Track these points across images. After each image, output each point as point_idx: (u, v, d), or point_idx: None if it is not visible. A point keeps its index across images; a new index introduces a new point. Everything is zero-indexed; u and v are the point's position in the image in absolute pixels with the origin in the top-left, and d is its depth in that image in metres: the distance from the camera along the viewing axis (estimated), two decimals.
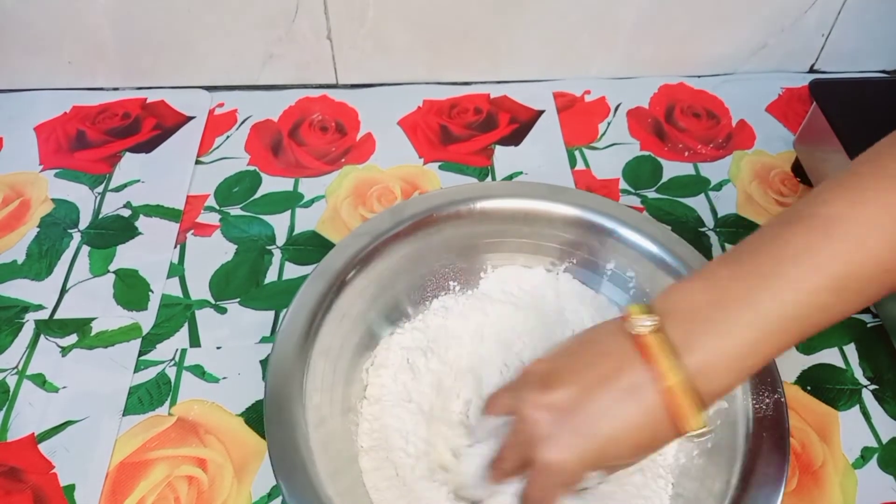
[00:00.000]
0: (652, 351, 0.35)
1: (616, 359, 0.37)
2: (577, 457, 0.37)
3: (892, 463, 0.49)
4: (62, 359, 0.53)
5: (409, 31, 0.71)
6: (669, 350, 0.35)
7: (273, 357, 0.44)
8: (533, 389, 0.38)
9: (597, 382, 0.37)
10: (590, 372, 0.37)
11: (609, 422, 0.36)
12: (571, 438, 0.36)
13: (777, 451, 0.42)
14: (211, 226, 0.62)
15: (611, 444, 0.36)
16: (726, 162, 0.68)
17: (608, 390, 0.36)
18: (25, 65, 0.72)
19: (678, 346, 0.35)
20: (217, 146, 0.69)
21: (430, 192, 0.55)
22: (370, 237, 0.51)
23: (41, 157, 0.67)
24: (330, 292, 0.48)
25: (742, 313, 0.34)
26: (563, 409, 0.37)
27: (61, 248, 0.60)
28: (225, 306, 0.56)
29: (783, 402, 0.43)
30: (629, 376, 0.36)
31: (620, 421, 0.36)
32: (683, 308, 0.36)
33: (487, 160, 0.68)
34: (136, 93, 0.74)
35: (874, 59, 0.77)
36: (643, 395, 0.35)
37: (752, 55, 0.75)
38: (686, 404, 0.35)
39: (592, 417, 0.36)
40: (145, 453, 0.48)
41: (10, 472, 0.47)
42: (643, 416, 0.36)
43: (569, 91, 0.75)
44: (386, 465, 0.46)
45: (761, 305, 0.34)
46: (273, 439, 0.41)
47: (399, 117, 0.72)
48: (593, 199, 0.54)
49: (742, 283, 0.35)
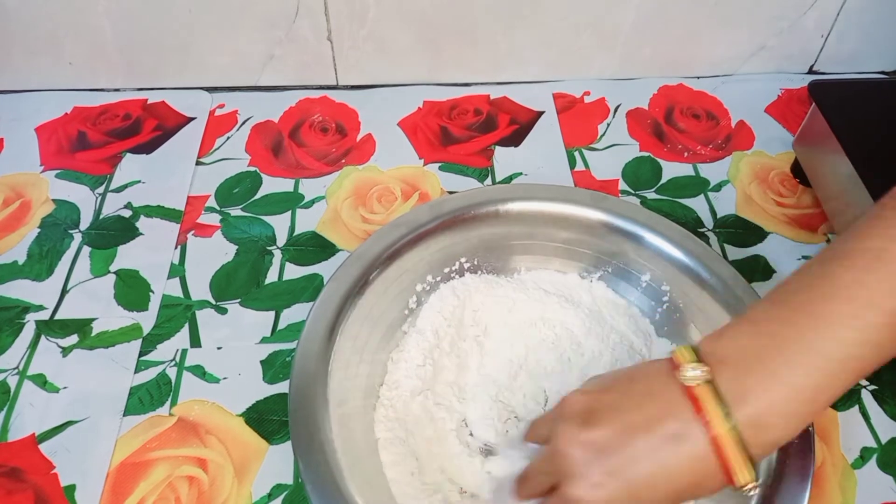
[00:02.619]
0: (703, 402, 0.34)
1: (663, 404, 0.35)
2: (605, 498, 0.35)
3: (892, 463, 0.49)
4: (63, 359, 0.53)
5: (410, 32, 0.71)
6: (721, 401, 0.34)
7: (302, 339, 0.45)
8: (572, 424, 0.37)
9: (640, 425, 0.35)
10: (633, 414, 0.36)
11: (647, 467, 0.35)
12: (604, 478, 0.35)
13: (802, 452, 0.42)
14: (211, 226, 0.62)
15: (646, 490, 0.35)
16: (726, 163, 0.68)
17: (651, 434, 0.35)
18: (26, 65, 0.72)
19: (730, 397, 0.34)
20: (218, 147, 0.69)
21: (468, 190, 0.55)
22: (407, 228, 0.51)
23: (42, 158, 0.67)
24: (361, 279, 0.49)
25: (796, 357, 0.33)
26: (601, 448, 0.36)
27: (62, 249, 0.60)
28: (225, 307, 0.56)
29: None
30: (676, 423, 0.34)
31: (660, 467, 0.35)
32: (734, 355, 0.35)
33: (487, 161, 0.68)
34: (137, 94, 0.74)
35: (873, 61, 0.77)
36: (689, 444, 0.34)
37: (751, 56, 0.76)
38: (736, 457, 0.33)
39: (630, 460, 0.35)
40: (146, 453, 0.48)
41: (11, 473, 0.47)
42: (687, 465, 0.34)
43: (568, 92, 0.75)
44: (408, 459, 0.46)
45: (815, 347, 0.33)
46: (296, 424, 0.42)
47: (399, 118, 0.72)
48: (633, 210, 0.54)
49: (792, 326, 0.34)
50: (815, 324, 0.33)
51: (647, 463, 0.35)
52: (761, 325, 0.35)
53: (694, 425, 0.34)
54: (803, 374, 0.33)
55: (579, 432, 0.36)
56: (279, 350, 0.54)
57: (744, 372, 0.34)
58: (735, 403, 0.34)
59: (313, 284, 0.58)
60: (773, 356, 0.34)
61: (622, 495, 0.35)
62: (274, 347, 0.54)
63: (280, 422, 0.50)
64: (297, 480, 0.47)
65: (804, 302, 0.34)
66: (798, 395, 0.33)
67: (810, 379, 0.33)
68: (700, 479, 0.35)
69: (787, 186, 0.66)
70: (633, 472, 0.35)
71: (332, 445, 0.42)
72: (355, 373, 0.47)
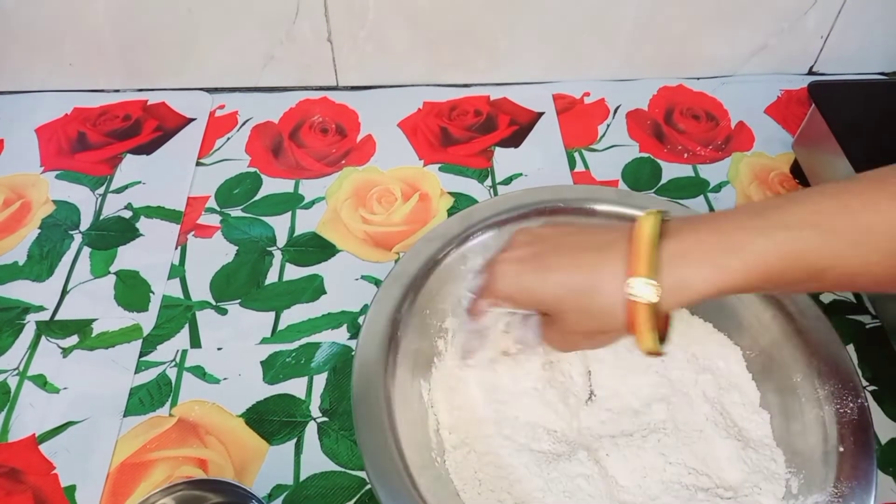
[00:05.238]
0: (640, 223, 0.36)
1: (611, 229, 0.39)
2: (515, 271, 0.40)
3: (892, 463, 0.49)
4: (63, 360, 0.53)
5: (410, 33, 0.71)
6: (655, 230, 0.36)
7: (357, 365, 0.45)
8: (519, 245, 0.41)
9: (579, 234, 0.40)
10: (582, 230, 0.40)
11: (560, 258, 0.38)
12: (523, 257, 0.40)
13: (865, 456, 0.42)
14: (212, 227, 0.62)
15: (549, 273, 0.38)
16: (725, 163, 0.68)
17: (581, 239, 0.39)
18: (26, 66, 0.72)
19: (666, 231, 0.36)
20: (218, 148, 0.69)
21: (510, 194, 0.56)
22: (441, 241, 0.51)
23: (42, 159, 0.68)
24: (410, 291, 0.49)
25: (740, 217, 0.35)
26: (539, 239, 0.40)
27: (62, 250, 0.60)
28: (226, 307, 0.56)
29: (867, 407, 0.43)
30: (609, 235, 0.38)
31: (570, 259, 0.38)
32: (696, 219, 0.37)
33: (487, 162, 0.68)
34: (137, 94, 0.74)
35: (873, 62, 0.77)
36: (607, 250, 0.37)
37: (751, 57, 0.76)
38: (642, 272, 0.35)
39: (551, 251, 0.39)
40: (146, 454, 0.48)
41: (11, 473, 0.47)
42: (592, 265, 0.37)
43: (568, 93, 0.75)
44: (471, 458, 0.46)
45: (764, 212, 0.35)
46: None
47: (399, 119, 0.72)
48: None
49: (750, 210, 0.36)
50: (767, 212, 0.35)
51: (562, 256, 0.39)
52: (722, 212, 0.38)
53: (621, 240, 0.37)
54: (732, 229, 0.35)
55: (537, 228, 0.42)
56: (279, 351, 0.54)
57: (691, 223, 0.37)
58: (665, 234, 0.36)
59: (313, 285, 0.58)
60: (716, 215, 0.37)
61: (528, 277, 0.39)
62: (274, 348, 0.54)
63: (280, 422, 0.50)
64: (297, 481, 0.47)
65: (764, 205, 0.36)
66: (719, 244, 0.35)
67: (736, 235, 0.35)
68: (600, 281, 0.37)
69: (786, 187, 0.66)
70: (546, 260, 0.39)
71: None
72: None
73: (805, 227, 0.34)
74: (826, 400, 0.44)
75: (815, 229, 0.34)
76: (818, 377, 0.45)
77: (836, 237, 0.33)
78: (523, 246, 0.41)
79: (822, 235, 0.34)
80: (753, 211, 0.36)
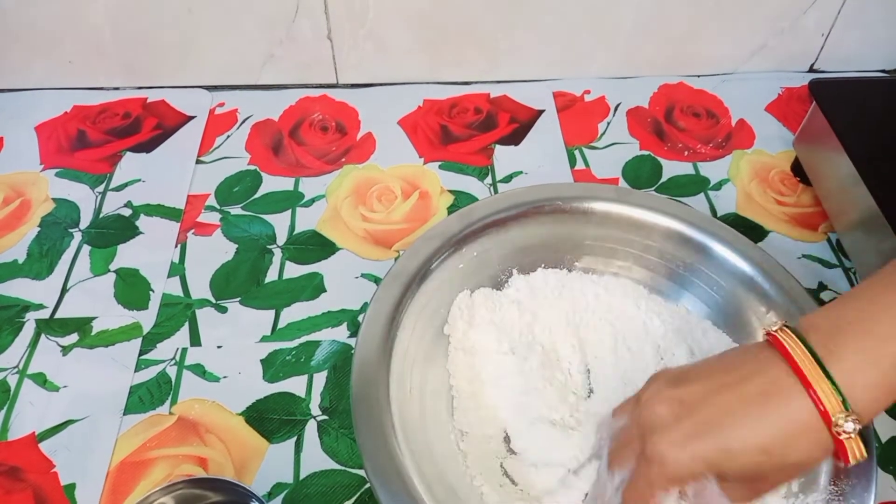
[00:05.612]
0: (794, 352, 0.32)
1: (755, 363, 0.34)
2: (690, 450, 0.33)
3: (892, 462, 0.49)
4: (63, 358, 0.53)
5: (409, 30, 0.71)
6: (811, 352, 0.32)
7: (356, 364, 0.45)
8: (660, 383, 0.36)
9: (731, 381, 0.33)
10: (726, 373, 0.34)
11: (736, 418, 0.33)
12: (689, 430, 0.33)
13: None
14: (211, 225, 0.62)
15: (734, 442, 0.33)
16: (726, 161, 0.68)
17: (743, 388, 0.33)
18: (26, 64, 0.72)
19: (822, 351, 0.32)
20: (218, 146, 0.69)
21: (513, 190, 0.55)
22: (441, 240, 0.51)
23: (42, 157, 0.67)
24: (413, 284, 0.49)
25: (884, 319, 0.32)
26: (689, 404, 0.34)
27: (62, 248, 0.60)
28: (225, 305, 0.56)
29: None
30: (768, 375, 0.33)
31: (750, 418, 0.32)
32: (824, 323, 0.34)
33: (487, 160, 0.68)
34: (137, 92, 0.74)
35: (874, 59, 0.77)
36: (784, 395, 0.32)
37: (751, 55, 0.76)
38: (837, 408, 0.31)
39: (719, 412, 0.33)
40: (146, 452, 0.48)
41: (11, 472, 0.47)
42: (780, 417, 0.32)
43: (569, 91, 0.75)
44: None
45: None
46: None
47: (399, 117, 0.72)
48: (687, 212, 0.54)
49: (879, 300, 0.33)
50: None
51: (738, 415, 0.33)
52: (848, 302, 0.34)
53: (788, 375, 0.32)
54: (891, 329, 0.32)
55: (668, 390, 0.35)
56: (279, 349, 0.54)
57: (835, 331, 0.33)
58: (827, 356, 0.32)
59: (313, 283, 0.58)
60: (862, 319, 0.33)
61: (707, 450, 0.33)
62: (274, 346, 0.54)
63: (280, 420, 0.50)
64: (296, 479, 0.47)
65: (888, 285, 0.33)
66: (889, 348, 0.31)
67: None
68: (794, 432, 0.32)
69: (787, 185, 0.66)
70: (722, 423, 0.33)
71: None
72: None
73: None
74: None
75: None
76: None
77: None
78: (662, 398, 0.35)
79: None
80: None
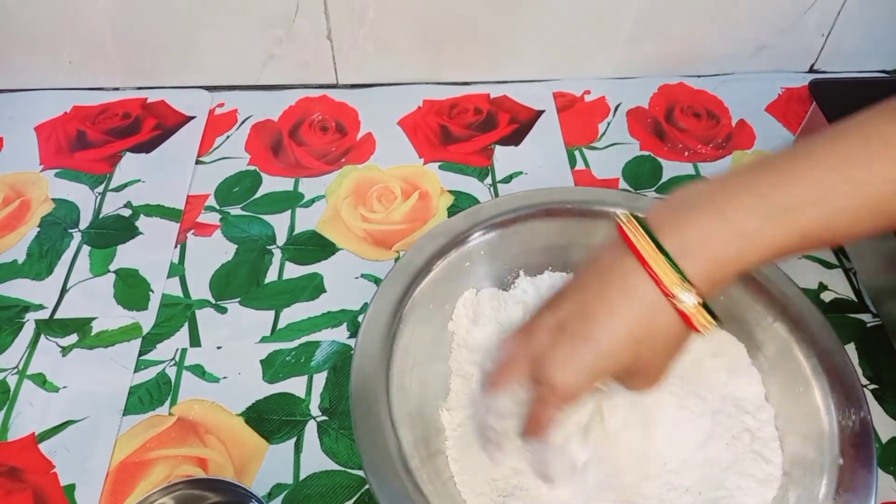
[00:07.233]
0: (632, 235, 0.35)
1: (611, 259, 0.37)
2: (572, 367, 0.36)
3: (893, 462, 0.49)
4: (62, 358, 0.53)
5: (410, 31, 0.71)
6: (648, 232, 0.35)
7: (356, 365, 0.45)
8: (542, 314, 0.39)
9: (595, 285, 0.37)
10: (591, 280, 0.37)
11: (600, 320, 0.36)
12: (567, 349, 0.36)
13: (865, 469, 0.41)
14: (211, 225, 0.62)
15: (604, 344, 0.36)
16: (726, 162, 0.68)
17: (603, 290, 0.36)
18: (26, 65, 0.72)
19: (662, 231, 0.35)
20: (217, 146, 0.69)
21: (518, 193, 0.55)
22: (445, 238, 0.51)
23: (42, 157, 0.67)
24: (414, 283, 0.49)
25: (741, 198, 0.34)
26: (564, 322, 0.37)
27: (62, 248, 0.60)
28: (225, 306, 0.56)
29: (870, 420, 0.43)
30: (621, 267, 0.36)
31: (612, 315, 0.36)
32: (674, 198, 0.36)
33: (487, 160, 0.68)
34: (137, 93, 0.74)
35: (874, 59, 0.77)
36: (631, 280, 0.35)
37: (751, 55, 0.75)
38: (675, 281, 0.34)
39: (587, 322, 0.36)
40: (145, 453, 0.48)
41: (11, 472, 0.47)
42: (634, 303, 0.35)
43: (569, 91, 0.75)
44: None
45: (761, 190, 0.34)
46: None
47: (399, 117, 0.72)
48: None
49: (748, 176, 0.35)
50: (770, 177, 0.34)
51: (601, 318, 0.36)
52: (700, 183, 0.36)
53: (636, 267, 0.35)
54: (741, 208, 0.34)
55: (548, 315, 0.38)
56: (279, 349, 0.53)
57: (682, 210, 0.35)
58: (664, 236, 0.35)
59: (313, 283, 0.58)
60: (710, 196, 0.35)
61: (588, 362, 0.36)
62: (274, 347, 0.54)
63: (280, 421, 0.50)
64: (296, 480, 0.47)
65: (764, 164, 0.35)
66: (734, 226, 0.34)
67: (746, 215, 0.34)
68: (649, 314, 0.35)
69: None
70: (591, 330, 0.36)
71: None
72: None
73: (808, 205, 0.34)
74: (828, 412, 0.44)
75: (816, 206, 0.34)
76: (820, 389, 0.45)
77: (843, 213, 0.34)
78: (544, 326, 0.38)
79: (828, 213, 0.34)
80: (747, 186, 0.35)
